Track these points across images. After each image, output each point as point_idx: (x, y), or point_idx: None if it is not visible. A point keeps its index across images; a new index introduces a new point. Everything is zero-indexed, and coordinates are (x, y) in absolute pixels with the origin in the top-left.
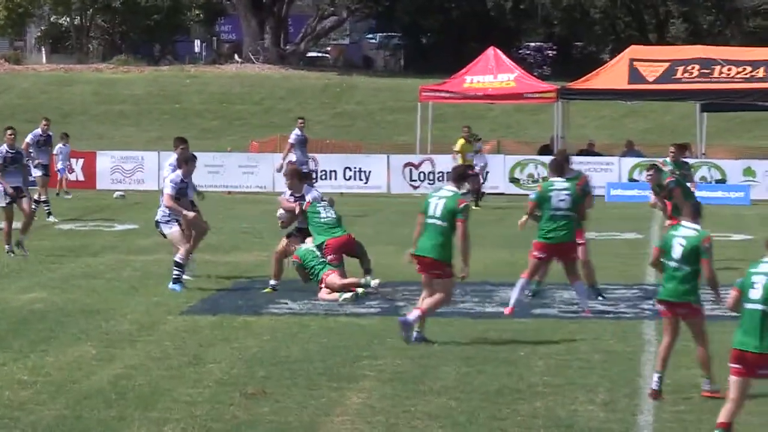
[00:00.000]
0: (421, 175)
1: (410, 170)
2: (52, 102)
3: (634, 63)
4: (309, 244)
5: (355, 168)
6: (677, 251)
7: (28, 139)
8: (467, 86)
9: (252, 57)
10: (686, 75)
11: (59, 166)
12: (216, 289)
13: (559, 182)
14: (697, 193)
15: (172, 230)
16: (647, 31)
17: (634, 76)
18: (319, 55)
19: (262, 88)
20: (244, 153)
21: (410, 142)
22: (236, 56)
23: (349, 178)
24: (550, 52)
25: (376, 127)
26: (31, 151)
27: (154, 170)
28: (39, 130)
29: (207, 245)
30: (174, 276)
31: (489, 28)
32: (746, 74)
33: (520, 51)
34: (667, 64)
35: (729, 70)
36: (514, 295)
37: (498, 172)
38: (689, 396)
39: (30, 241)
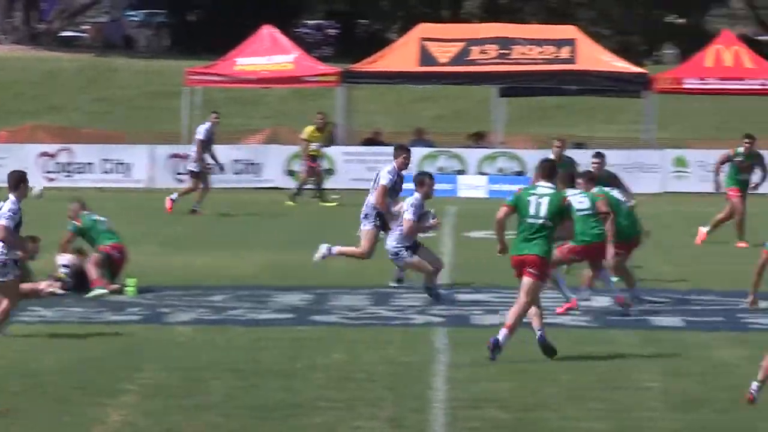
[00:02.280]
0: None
1: (177, 162)
2: None
3: (425, 43)
4: None
5: (114, 160)
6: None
7: (201, 135)
8: (239, 68)
9: (0, 36)
10: (483, 56)
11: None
12: None
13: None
14: None
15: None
16: (440, 7)
17: (425, 57)
18: (77, 34)
19: (11, 71)
20: None
21: (177, 131)
22: None
23: (109, 171)
24: (331, 30)
25: (138, 115)
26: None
27: None
28: (209, 124)
29: None
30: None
31: (263, 5)
32: (549, 55)
33: (298, 29)
34: (461, 44)
35: (530, 50)
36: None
37: (273, 165)
38: (486, 410)
39: None
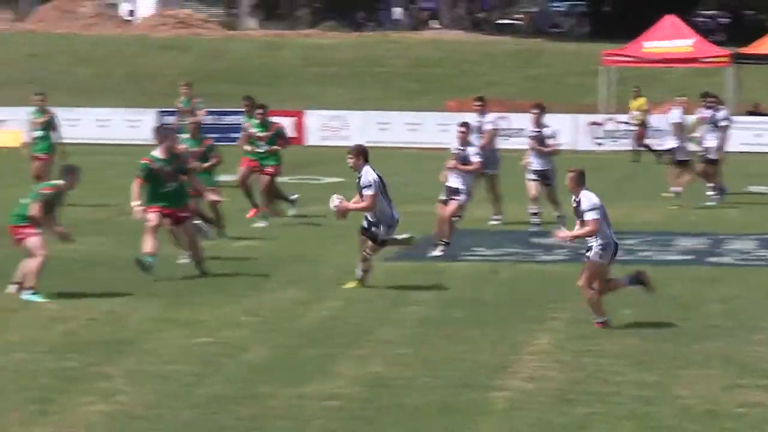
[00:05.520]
0: (604, 132)
1: (595, 129)
2: (265, 66)
3: None
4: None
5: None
6: None
7: (677, 119)
8: (646, 51)
9: (448, 23)
10: None
11: None
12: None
13: None
14: None
15: None
16: None
17: None
18: (512, 21)
19: (457, 53)
20: (440, 112)
21: (594, 104)
22: (434, 23)
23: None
24: (723, 19)
25: (562, 90)
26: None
27: (359, 128)
28: (681, 109)
29: (414, 198)
30: None
31: None
32: None
33: (695, 18)
34: None
35: None
36: None
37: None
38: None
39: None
